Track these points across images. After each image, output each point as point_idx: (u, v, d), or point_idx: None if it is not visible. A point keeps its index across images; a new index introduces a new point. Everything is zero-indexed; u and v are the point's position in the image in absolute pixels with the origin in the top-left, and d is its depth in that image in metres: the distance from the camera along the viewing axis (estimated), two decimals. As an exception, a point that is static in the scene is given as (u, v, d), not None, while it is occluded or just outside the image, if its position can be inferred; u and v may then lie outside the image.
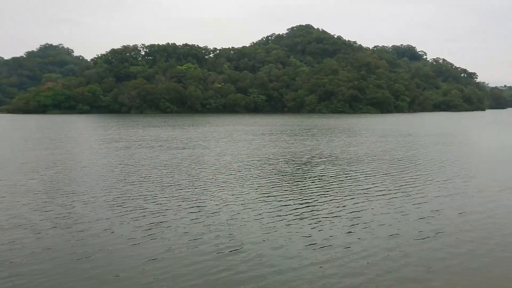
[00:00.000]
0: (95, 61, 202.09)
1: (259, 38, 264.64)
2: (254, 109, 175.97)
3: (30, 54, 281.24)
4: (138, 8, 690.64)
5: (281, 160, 33.53)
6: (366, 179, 25.36)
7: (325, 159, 34.24)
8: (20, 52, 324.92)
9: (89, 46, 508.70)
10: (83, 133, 63.34)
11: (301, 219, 16.80)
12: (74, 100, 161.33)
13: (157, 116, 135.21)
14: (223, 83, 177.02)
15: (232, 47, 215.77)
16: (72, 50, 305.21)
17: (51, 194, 20.92)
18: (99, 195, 20.73)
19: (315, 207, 18.62)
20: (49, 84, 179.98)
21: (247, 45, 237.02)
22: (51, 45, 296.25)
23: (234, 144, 46.00)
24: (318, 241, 14.16)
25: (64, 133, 62.26)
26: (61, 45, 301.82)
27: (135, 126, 79.98)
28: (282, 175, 26.56)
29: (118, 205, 18.77)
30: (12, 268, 11.94)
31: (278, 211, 17.93)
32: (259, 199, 20.01)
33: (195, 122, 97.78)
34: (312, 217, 17.01)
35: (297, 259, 12.65)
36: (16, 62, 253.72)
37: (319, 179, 25.40)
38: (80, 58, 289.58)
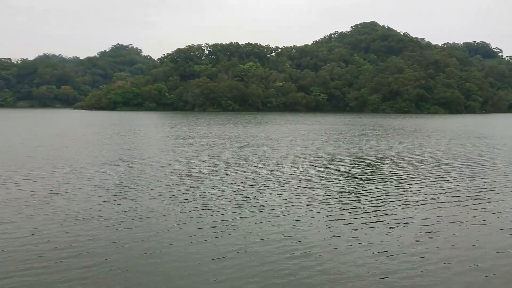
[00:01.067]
0: (162, 60, 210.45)
1: (322, 36, 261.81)
2: (315, 108, 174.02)
3: (102, 54, 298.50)
4: (203, 8, 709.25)
5: (345, 161, 32.65)
6: (438, 183, 23.93)
7: (392, 161, 32.86)
8: (93, 52, 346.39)
9: (156, 46, 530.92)
10: (151, 129, 65.85)
11: (370, 224, 16.10)
12: (142, 97, 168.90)
13: (219, 114, 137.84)
14: (284, 82, 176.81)
15: (294, 45, 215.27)
16: (140, 50, 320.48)
17: (121, 188, 21.80)
18: (166, 190, 21.26)
19: (384, 212, 17.80)
20: (119, 82, 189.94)
21: (309, 44, 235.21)
22: (121, 45, 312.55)
23: (297, 143, 45.56)
24: (389, 249, 13.44)
25: (133, 129, 65.13)
26: (131, 45, 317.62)
27: (199, 123, 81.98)
28: (347, 177, 25.77)
29: (184, 201, 19.12)
30: (85, 259, 12.43)
31: (345, 214, 17.34)
32: (324, 201, 19.50)
33: (257, 120, 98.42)
34: (382, 223, 16.24)
35: (366, 267, 12.06)
36: (90, 61, 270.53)
37: (386, 182, 24.35)
38: (148, 57, 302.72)
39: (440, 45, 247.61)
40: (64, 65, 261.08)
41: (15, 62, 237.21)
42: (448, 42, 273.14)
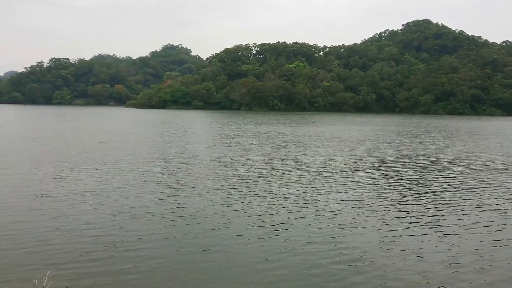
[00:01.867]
0: (210, 60, 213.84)
1: (372, 35, 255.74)
2: (363, 108, 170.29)
3: (154, 54, 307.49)
4: (252, 8, 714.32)
5: (397, 163, 31.61)
6: (497, 189, 22.61)
7: (447, 164, 31.45)
8: (145, 52, 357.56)
9: (205, 46, 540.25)
10: (200, 128, 67.05)
11: (425, 230, 15.45)
12: (190, 96, 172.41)
13: (265, 113, 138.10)
14: (331, 81, 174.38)
15: (342, 44, 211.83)
16: (190, 49, 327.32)
17: (171, 185, 22.27)
18: (214, 189, 21.46)
19: (440, 219, 17.02)
20: (169, 81, 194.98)
21: (358, 42, 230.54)
22: (172, 45, 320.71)
23: (346, 144, 44.76)
24: (447, 258, 12.82)
25: (183, 128, 66.56)
26: (181, 45, 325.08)
27: (246, 122, 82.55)
28: (399, 180, 24.93)
29: (232, 200, 19.22)
30: (135, 255, 12.74)
31: (398, 220, 16.74)
32: (375, 205, 18.94)
33: (304, 120, 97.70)
34: (438, 230, 15.54)
35: (422, 275, 11.57)
36: (142, 61, 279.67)
37: (442, 187, 23.30)
38: (197, 57, 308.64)
39: (498, 44, 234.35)
40: (118, 65, 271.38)
41: (73, 62, 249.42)
42: (507, 40, 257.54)
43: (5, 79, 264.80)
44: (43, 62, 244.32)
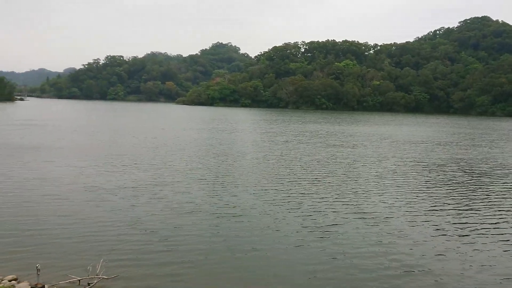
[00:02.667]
0: (258, 58, 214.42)
1: (425, 33, 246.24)
2: (415, 108, 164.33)
3: (203, 51, 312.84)
4: (302, 7, 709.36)
5: (453, 167, 30.07)
6: None
7: (508, 170, 29.51)
8: (195, 50, 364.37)
9: (253, 44, 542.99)
10: (248, 125, 67.34)
11: (485, 239, 14.45)
12: (238, 94, 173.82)
13: (313, 112, 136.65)
14: (382, 80, 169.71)
15: (394, 42, 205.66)
16: (238, 48, 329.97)
17: (219, 183, 22.32)
18: (262, 188, 21.29)
19: (502, 227, 15.90)
20: (217, 79, 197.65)
21: (411, 41, 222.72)
22: (221, 43, 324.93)
23: (398, 145, 43.23)
24: (510, 271, 11.89)
25: (231, 125, 67.17)
26: (230, 44, 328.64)
27: (294, 121, 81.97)
28: (455, 185, 23.63)
29: (281, 200, 18.96)
30: (183, 252, 12.76)
31: (455, 228, 15.75)
32: (430, 211, 17.97)
33: (353, 119, 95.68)
34: (500, 239, 14.49)
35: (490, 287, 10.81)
36: (192, 59, 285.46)
37: (502, 193, 21.83)
38: (245, 55, 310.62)
39: None
40: (169, 63, 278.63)
41: (127, 60, 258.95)
42: None
43: (64, 76, 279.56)
44: (99, 60, 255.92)
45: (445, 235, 14.89)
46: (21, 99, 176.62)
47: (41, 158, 27.94)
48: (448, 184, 23.89)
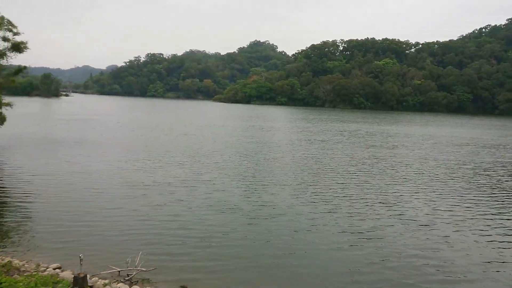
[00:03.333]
0: (296, 56, 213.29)
1: (470, 31, 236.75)
2: (457, 109, 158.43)
3: (241, 50, 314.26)
4: (342, 4, 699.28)
5: (500, 171, 28.63)
6: None
7: (561, 176, 27.79)
8: (233, 48, 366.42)
9: (291, 42, 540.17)
10: (285, 124, 66.82)
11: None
12: (274, 92, 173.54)
13: (351, 111, 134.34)
14: (423, 80, 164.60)
15: (436, 41, 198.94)
16: (276, 46, 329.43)
17: (255, 181, 22.21)
18: (299, 188, 21.00)
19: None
20: (254, 77, 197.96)
21: (454, 39, 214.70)
22: (258, 42, 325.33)
23: (440, 147, 41.72)
24: None
25: (268, 123, 67.06)
26: (267, 42, 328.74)
27: (332, 120, 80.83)
28: (503, 191, 22.44)
29: (318, 202, 18.61)
30: (222, 250, 12.69)
31: (506, 236, 14.95)
32: (476, 217, 17.14)
33: (393, 119, 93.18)
34: (556, 251, 13.58)
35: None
36: (229, 57, 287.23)
37: (557, 201, 20.53)
38: (283, 53, 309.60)
39: None
40: (207, 60, 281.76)
41: (166, 57, 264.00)
42: None
43: (106, 73, 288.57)
44: (140, 57, 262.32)
45: (490, 242, 14.17)
46: (66, 95, 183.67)
47: (85, 153, 28.88)
48: (493, 189, 22.78)
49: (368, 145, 40.83)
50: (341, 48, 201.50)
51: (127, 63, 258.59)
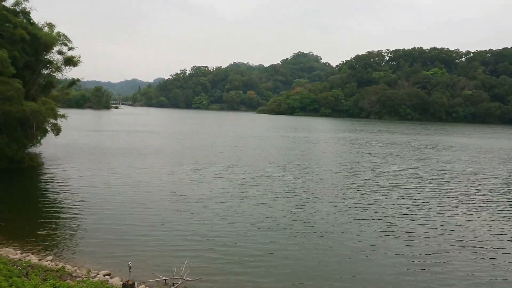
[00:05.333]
0: (340, 67, 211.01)
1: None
2: (511, 120, 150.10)
3: (284, 61, 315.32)
4: (388, 13, 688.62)
5: None
6: None
7: None
8: (277, 60, 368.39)
9: (335, 53, 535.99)
10: (330, 135, 65.51)
11: None
12: (318, 103, 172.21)
13: (398, 122, 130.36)
14: (474, 90, 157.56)
15: (489, 49, 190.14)
16: (320, 57, 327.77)
17: (299, 196, 21.44)
18: (349, 206, 20.07)
19: None
20: (297, 88, 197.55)
21: (509, 47, 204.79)
22: (302, 53, 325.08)
23: (500, 162, 38.94)
24: None
25: (314, 135, 66.16)
26: (311, 53, 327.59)
27: (380, 131, 78.60)
28: None
29: (370, 220, 17.65)
30: (267, 269, 12.18)
31: None
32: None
33: (445, 131, 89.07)
34: None
35: None
36: (273, 68, 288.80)
37: None
38: (327, 64, 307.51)
39: None
40: (251, 72, 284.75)
41: (211, 70, 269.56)
42: None
43: (154, 85, 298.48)
44: (186, 70, 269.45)
45: None
46: (116, 107, 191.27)
47: (132, 164, 29.52)
48: None
49: (420, 158, 38.94)
50: (387, 58, 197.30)
51: (174, 76, 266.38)
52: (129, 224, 15.83)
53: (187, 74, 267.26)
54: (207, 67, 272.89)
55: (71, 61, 30.66)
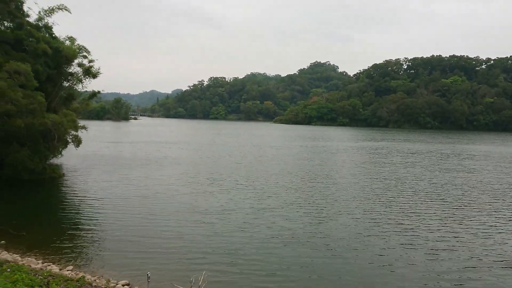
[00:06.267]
0: (357, 76, 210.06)
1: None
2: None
3: (301, 71, 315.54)
4: (401, 22, 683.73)
5: None
6: None
7: None
8: (293, 70, 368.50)
9: (352, 62, 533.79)
10: (350, 144, 64.88)
11: None
12: (335, 113, 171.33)
13: (418, 131, 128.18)
14: (495, 97, 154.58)
15: (510, 56, 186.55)
16: (337, 66, 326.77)
17: (321, 209, 21.13)
18: (370, 218, 19.70)
19: None
20: (315, 98, 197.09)
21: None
22: (319, 63, 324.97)
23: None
24: None
25: (332, 144, 65.61)
26: (328, 62, 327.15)
27: (400, 140, 77.27)
28: None
29: (391, 233, 17.25)
30: (287, 279, 12.00)
31: None
32: None
33: (467, 139, 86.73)
34: None
35: None
36: (290, 78, 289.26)
37: None
38: (344, 73, 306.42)
39: None
40: (268, 83, 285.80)
41: (228, 81, 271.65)
42: None
43: (172, 97, 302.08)
44: (204, 81, 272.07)
45: None
46: (135, 118, 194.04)
47: (151, 175, 29.71)
48: None
49: (443, 168, 38.08)
50: (405, 67, 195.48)
51: (191, 87, 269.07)
52: (147, 236, 15.86)
53: (204, 85, 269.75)
54: (224, 77, 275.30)
55: (90, 72, 31.23)
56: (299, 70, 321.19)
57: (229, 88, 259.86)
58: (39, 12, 29.51)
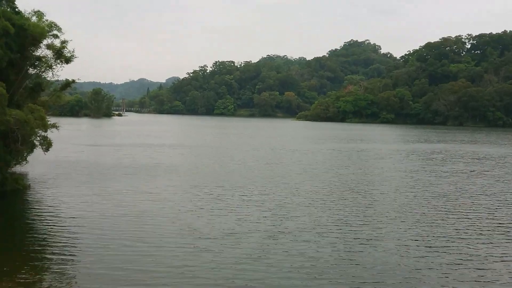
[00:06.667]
0: (406, 58, 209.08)
1: None
2: None
3: (332, 53, 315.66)
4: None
5: None
6: None
7: None
8: (323, 52, 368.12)
9: (399, 40, 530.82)
10: (398, 147, 64.21)
11: None
12: (377, 106, 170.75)
13: (486, 130, 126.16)
14: None
15: None
16: (379, 46, 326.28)
17: (353, 231, 21.07)
18: (420, 242, 19.60)
19: None
20: (350, 87, 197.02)
21: None
22: (356, 42, 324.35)
23: None
24: None
25: (374, 146, 65.49)
26: (367, 41, 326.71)
27: (462, 141, 76.62)
28: None
29: (442, 252, 17.29)
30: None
31: None
32: None
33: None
34: None
35: None
36: (317, 62, 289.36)
37: None
38: (388, 55, 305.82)
39: None
40: (289, 67, 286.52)
41: (238, 66, 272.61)
42: None
43: (166, 86, 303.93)
44: (206, 67, 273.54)
45: None
46: (119, 114, 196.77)
47: (137, 188, 30.03)
48: None
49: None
50: (468, 46, 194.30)
51: (191, 75, 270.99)
52: (133, 268, 15.78)
53: (207, 72, 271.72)
54: (233, 62, 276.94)
55: (62, 56, 31.42)
56: (329, 51, 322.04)
57: (239, 76, 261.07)
58: (-3, -20, 29.87)
